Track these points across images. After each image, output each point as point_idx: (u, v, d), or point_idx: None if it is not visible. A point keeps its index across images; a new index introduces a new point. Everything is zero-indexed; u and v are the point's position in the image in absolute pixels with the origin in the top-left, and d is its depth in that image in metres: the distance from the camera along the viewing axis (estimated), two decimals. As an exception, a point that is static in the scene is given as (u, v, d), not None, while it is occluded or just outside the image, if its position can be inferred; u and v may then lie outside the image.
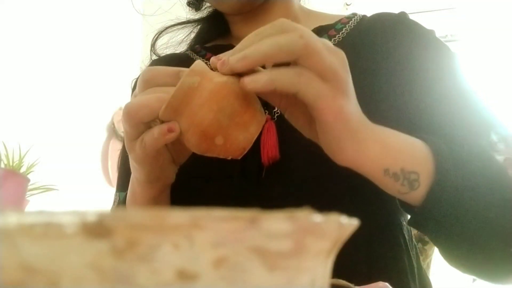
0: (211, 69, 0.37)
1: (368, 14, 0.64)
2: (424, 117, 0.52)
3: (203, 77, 0.35)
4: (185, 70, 0.37)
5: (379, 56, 0.56)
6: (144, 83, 0.39)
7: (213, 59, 0.36)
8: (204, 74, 0.35)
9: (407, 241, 0.53)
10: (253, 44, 0.34)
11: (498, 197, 0.41)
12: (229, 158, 0.38)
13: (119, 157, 0.66)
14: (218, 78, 0.35)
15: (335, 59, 0.35)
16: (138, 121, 0.37)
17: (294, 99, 0.36)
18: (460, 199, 0.40)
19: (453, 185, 0.40)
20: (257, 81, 0.33)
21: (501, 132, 0.49)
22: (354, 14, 0.63)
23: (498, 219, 0.41)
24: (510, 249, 0.42)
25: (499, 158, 0.44)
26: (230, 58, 0.34)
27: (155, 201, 0.45)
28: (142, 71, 0.40)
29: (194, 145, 0.37)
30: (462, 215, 0.40)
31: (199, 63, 0.36)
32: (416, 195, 0.41)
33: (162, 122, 0.37)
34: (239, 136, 0.36)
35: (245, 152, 0.38)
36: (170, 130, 0.36)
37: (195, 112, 0.35)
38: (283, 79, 0.33)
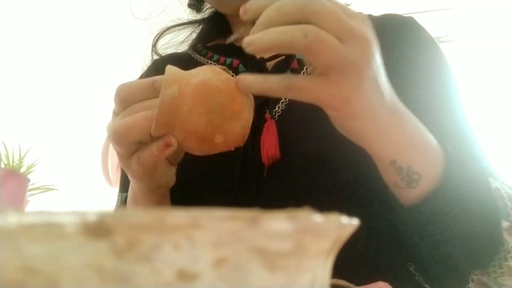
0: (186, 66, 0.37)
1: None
2: None
3: (179, 83, 0.35)
4: (158, 78, 0.37)
5: (384, 56, 0.56)
6: (122, 102, 0.38)
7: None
8: (180, 79, 0.35)
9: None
10: (265, 23, 0.33)
11: (481, 229, 0.41)
12: (233, 148, 0.38)
13: (120, 157, 0.66)
14: (194, 79, 0.35)
15: (352, 50, 0.33)
16: (130, 142, 0.37)
17: None
18: (440, 222, 0.40)
19: (444, 203, 0.40)
20: (258, 43, 0.32)
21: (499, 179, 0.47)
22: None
23: (472, 247, 0.41)
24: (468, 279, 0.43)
25: (505, 223, 0.42)
26: (245, 39, 0.33)
27: (159, 205, 0.46)
28: (116, 89, 0.39)
29: (195, 150, 0.37)
30: (440, 232, 0.41)
31: (170, 69, 0.36)
32: (409, 194, 0.41)
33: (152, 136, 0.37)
34: (236, 127, 0.36)
35: (246, 138, 0.38)
36: (167, 145, 0.36)
37: (186, 121, 0.35)
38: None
